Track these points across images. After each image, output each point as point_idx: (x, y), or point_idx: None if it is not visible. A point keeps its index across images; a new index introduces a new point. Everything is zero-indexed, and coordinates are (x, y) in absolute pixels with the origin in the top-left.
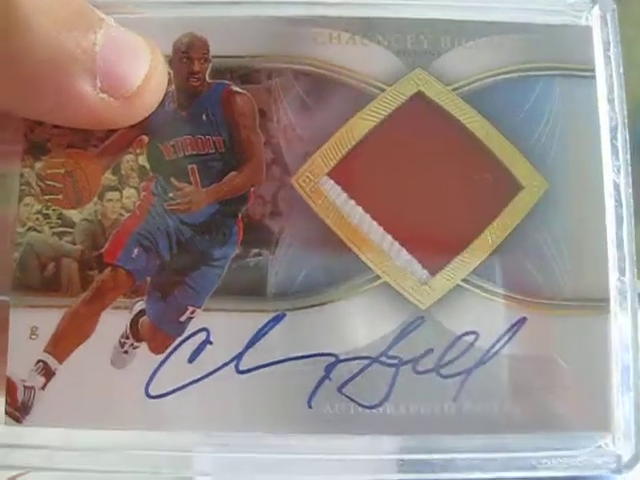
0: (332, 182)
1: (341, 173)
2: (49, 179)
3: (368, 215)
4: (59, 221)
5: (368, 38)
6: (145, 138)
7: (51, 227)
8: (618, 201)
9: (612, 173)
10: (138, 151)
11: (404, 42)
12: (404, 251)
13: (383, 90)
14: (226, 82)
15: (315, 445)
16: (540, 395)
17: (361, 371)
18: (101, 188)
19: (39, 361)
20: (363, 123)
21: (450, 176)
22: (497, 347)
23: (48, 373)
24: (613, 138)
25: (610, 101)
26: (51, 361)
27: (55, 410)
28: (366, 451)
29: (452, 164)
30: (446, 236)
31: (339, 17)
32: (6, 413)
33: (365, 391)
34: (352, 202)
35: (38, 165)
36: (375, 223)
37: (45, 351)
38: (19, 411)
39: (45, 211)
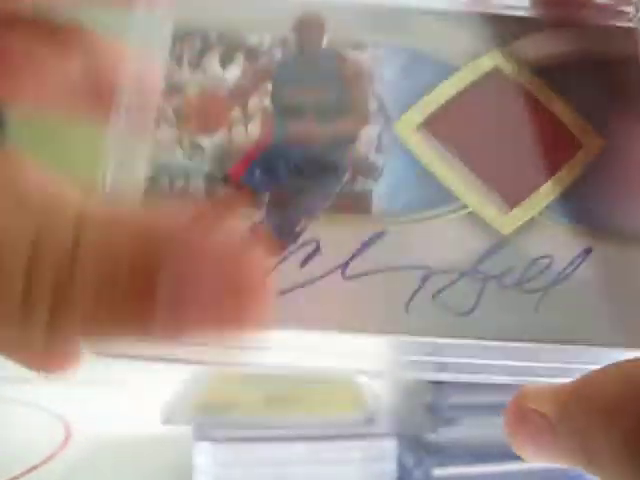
0: (425, 130)
1: (433, 124)
2: (184, 111)
3: (456, 158)
4: (191, 145)
5: (457, 25)
6: (269, 85)
7: (183, 150)
8: None
9: None
10: (263, 95)
11: (485, 29)
12: (486, 187)
13: (467, 64)
14: (339, 49)
15: (412, 345)
16: (610, 314)
17: (452, 283)
18: (229, 122)
19: None
20: (449, 88)
21: (522, 133)
22: (569, 270)
23: None
24: None
25: None
26: None
27: None
28: (457, 354)
29: (524, 124)
30: (521, 178)
31: (434, 9)
32: None
33: (455, 300)
34: (443, 147)
35: (175, 100)
36: (462, 164)
37: None
38: None
39: (178, 137)
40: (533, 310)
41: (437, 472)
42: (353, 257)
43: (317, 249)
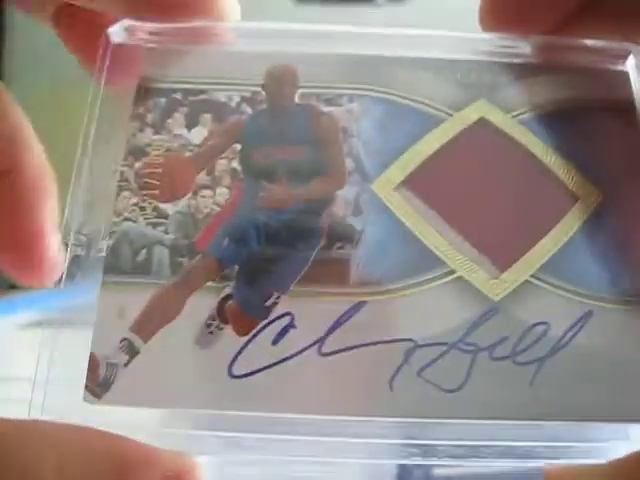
0: (406, 189)
1: (414, 182)
2: (147, 177)
3: (441, 218)
4: (154, 213)
5: (437, 74)
6: (238, 146)
7: (146, 218)
8: None
9: None
10: (231, 156)
11: (468, 77)
12: (474, 250)
13: (451, 115)
14: (313, 104)
15: (397, 427)
16: (611, 385)
17: (440, 356)
18: (195, 186)
19: (124, 339)
20: (433, 141)
21: (512, 187)
22: (567, 337)
23: (132, 351)
24: None
25: None
26: (136, 340)
27: (136, 388)
28: (446, 436)
29: (513, 178)
30: (512, 238)
31: (413, 57)
32: (86, 388)
33: (443, 376)
34: (426, 206)
35: (137, 164)
36: (447, 225)
37: (131, 330)
38: (99, 387)
39: (141, 204)
40: (528, 384)
41: (437, 472)
42: (330, 331)
43: (291, 324)
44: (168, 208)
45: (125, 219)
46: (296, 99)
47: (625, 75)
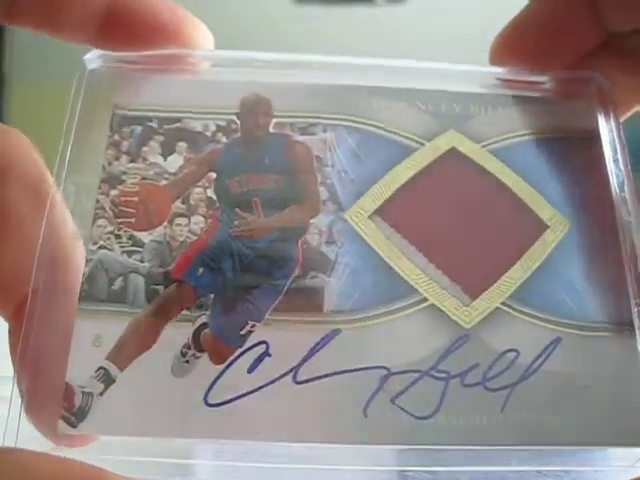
0: (379, 218)
1: (387, 211)
2: (122, 205)
3: (413, 247)
4: (129, 241)
5: (409, 104)
6: (213, 175)
7: (121, 246)
8: (630, 241)
9: (625, 218)
10: (207, 185)
11: (439, 107)
12: (446, 278)
13: (422, 145)
14: (287, 133)
15: (371, 455)
16: (579, 410)
17: (412, 384)
18: (171, 215)
19: (100, 368)
20: (405, 171)
21: (483, 217)
22: (537, 364)
23: (108, 380)
24: (621, 191)
25: (615, 161)
26: (112, 368)
27: (111, 417)
28: (419, 463)
29: (484, 206)
30: (483, 266)
31: (385, 87)
32: (61, 418)
33: (417, 402)
34: (398, 235)
35: (113, 192)
36: (420, 254)
37: (107, 359)
38: (75, 416)
39: (117, 232)
40: (500, 410)
41: None
42: (305, 360)
43: (266, 352)
44: (144, 236)
45: (101, 247)
46: (270, 128)
47: (591, 104)
